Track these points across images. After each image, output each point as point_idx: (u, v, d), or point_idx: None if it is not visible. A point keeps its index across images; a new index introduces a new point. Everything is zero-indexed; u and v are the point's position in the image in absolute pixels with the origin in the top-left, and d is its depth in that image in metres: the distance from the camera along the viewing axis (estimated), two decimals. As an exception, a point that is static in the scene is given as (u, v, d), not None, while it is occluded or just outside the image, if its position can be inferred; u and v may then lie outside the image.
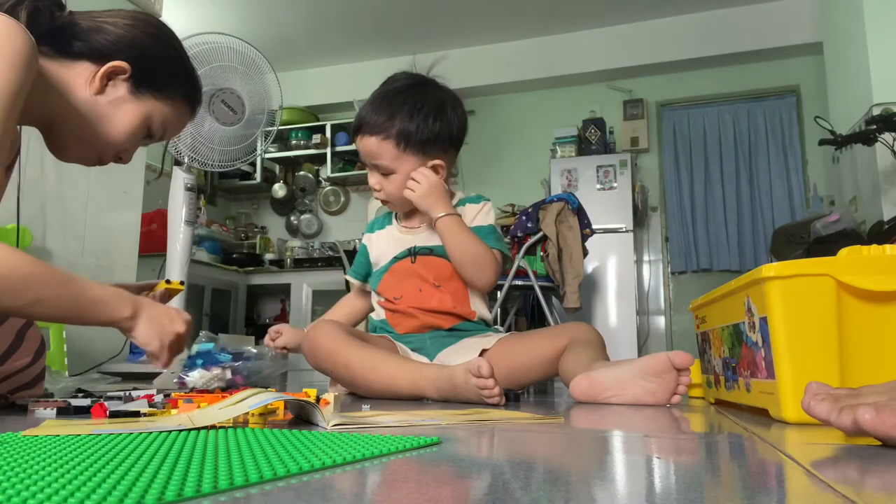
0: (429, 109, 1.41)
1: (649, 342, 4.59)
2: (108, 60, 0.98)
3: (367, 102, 1.45)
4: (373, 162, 1.43)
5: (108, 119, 0.99)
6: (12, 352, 1.00)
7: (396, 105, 1.41)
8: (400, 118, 1.39)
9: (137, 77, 1.01)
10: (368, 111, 1.42)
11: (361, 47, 5.01)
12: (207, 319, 4.33)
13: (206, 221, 4.89)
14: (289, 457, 0.47)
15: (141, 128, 1.03)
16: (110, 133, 1.00)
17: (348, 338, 1.27)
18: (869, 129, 2.61)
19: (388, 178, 1.43)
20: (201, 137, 2.39)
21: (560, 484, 0.42)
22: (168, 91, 1.05)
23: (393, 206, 1.52)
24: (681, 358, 1.08)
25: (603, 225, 4.10)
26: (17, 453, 0.48)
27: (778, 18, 4.43)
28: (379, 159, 1.41)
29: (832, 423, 0.57)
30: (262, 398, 0.73)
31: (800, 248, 2.82)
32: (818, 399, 0.60)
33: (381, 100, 1.43)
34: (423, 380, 1.17)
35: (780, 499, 0.38)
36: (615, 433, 0.74)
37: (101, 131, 1.00)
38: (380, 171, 1.43)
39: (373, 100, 1.44)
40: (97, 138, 1.00)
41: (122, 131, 1.01)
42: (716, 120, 4.70)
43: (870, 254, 0.79)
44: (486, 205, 1.51)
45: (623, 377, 1.11)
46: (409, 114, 1.40)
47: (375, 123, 1.40)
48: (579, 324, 1.42)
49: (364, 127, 1.41)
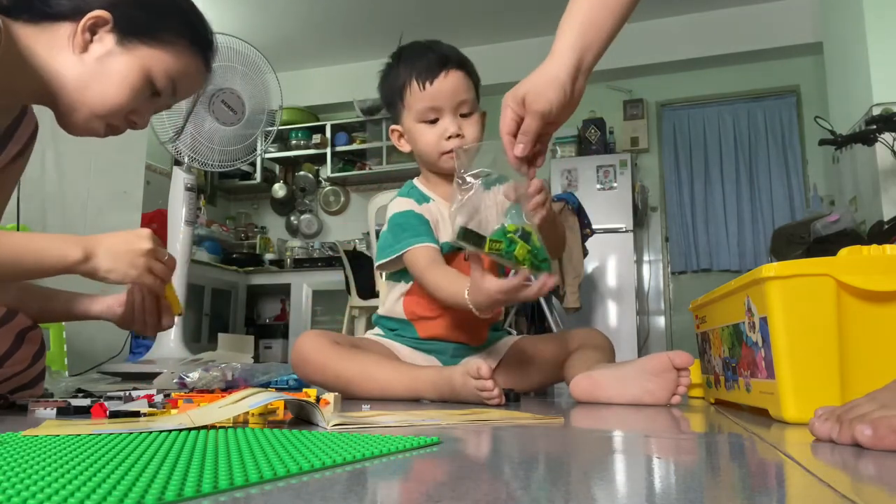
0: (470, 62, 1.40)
1: (649, 342, 4.59)
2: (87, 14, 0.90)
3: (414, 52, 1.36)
4: (460, 99, 1.34)
5: (100, 78, 0.91)
6: (12, 353, 1.00)
7: (453, 49, 1.36)
8: (464, 57, 1.36)
9: (121, 25, 0.92)
10: (437, 51, 1.34)
11: (361, 47, 5.01)
12: (207, 319, 4.33)
13: (206, 221, 4.89)
14: (289, 457, 0.47)
15: (140, 83, 0.93)
16: (107, 94, 0.92)
17: (336, 348, 1.22)
18: (869, 129, 2.61)
19: (469, 118, 1.36)
20: (201, 137, 2.39)
21: (560, 484, 0.42)
22: (162, 36, 0.95)
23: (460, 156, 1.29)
24: (681, 358, 1.08)
25: (603, 225, 4.10)
26: (17, 453, 0.48)
27: (778, 18, 4.43)
28: (468, 94, 1.35)
29: (836, 441, 0.57)
30: (262, 398, 0.73)
31: (800, 248, 2.82)
32: (822, 420, 0.60)
33: (432, 46, 1.36)
34: (421, 383, 1.16)
35: (780, 499, 0.38)
36: (615, 433, 0.74)
37: (96, 93, 0.91)
38: (461, 111, 1.35)
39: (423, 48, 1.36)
40: (95, 102, 0.92)
41: (118, 89, 0.92)
42: (716, 120, 4.70)
43: (870, 254, 0.79)
44: None
45: (623, 377, 1.11)
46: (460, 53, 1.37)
47: (458, 59, 1.34)
48: (590, 330, 1.43)
49: (449, 63, 1.32)
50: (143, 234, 0.95)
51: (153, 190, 3.70)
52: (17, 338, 1.01)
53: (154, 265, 0.95)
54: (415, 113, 1.35)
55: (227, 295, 4.67)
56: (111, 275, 0.91)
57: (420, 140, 1.36)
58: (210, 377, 1.32)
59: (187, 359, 2.18)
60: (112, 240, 0.92)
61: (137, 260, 0.93)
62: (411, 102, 1.35)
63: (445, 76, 1.32)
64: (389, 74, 1.39)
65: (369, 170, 5.29)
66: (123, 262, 0.92)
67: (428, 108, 1.33)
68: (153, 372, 2.04)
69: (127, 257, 0.92)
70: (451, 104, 1.33)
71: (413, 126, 1.36)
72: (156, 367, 2.20)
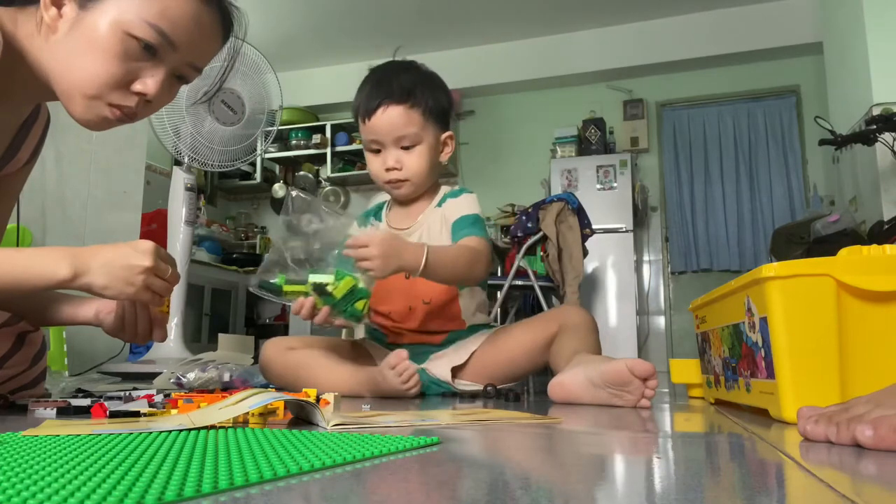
0: (438, 82, 1.43)
1: (649, 342, 4.59)
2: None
3: (371, 83, 1.41)
4: (397, 134, 1.38)
5: (77, 49, 0.80)
6: (12, 354, 1.00)
7: (410, 78, 1.39)
8: (420, 89, 1.39)
9: None
10: (385, 85, 1.38)
11: (361, 47, 5.00)
12: (207, 319, 4.33)
13: (206, 221, 4.89)
14: (289, 457, 0.47)
15: (116, 42, 0.80)
16: (87, 68, 0.80)
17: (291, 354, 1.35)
18: (869, 129, 2.61)
19: (411, 151, 1.40)
20: (201, 137, 2.39)
21: (560, 484, 0.42)
22: None
23: (408, 188, 1.44)
24: (641, 367, 1.02)
25: (603, 225, 4.10)
26: (17, 453, 0.48)
27: (778, 18, 4.43)
28: (406, 129, 1.38)
29: (834, 441, 0.57)
30: (262, 398, 0.73)
31: (800, 248, 2.82)
32: (812, 421, 0.60)
33: (390, 75, 1.40)
34: (357, 384, 1.27)
35: (780, 499, 0.38)
36: (615, 433, 0.74)
37: (78, 71, 0.81)
38: (402, 144, 1.39)
39: (379, 78, 1.41)
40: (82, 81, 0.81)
41: (95, 57, 0.80)
42: (716, 120, 4.70)
43: (870, 254, 0.79)
44: (470, 195, 1.48)
45: (591, 383, 1.08)
46: (427, 85, 1.40)
47: (401, 93, 1.37)
48: (569, 307, 1.42)
49: (389, 98, 1.37)
50: (144, 248, 0.87)
51: (153, 190, 3.70)
52: (17, 339, 1.01)
53: (153, 283, 0.88)
54: (364, 141, 1.45)
55: (227, 295, 4.67)
56: (106, 291, 0.86)
57: (369, 166, 1.47)
58: (207, 377, 1.33)
59: (187, 359, 2.18)
60: (109, 254, 0.85)
61: (135, 278, 0.86)
62: (360, 130, 1.44)
63: (383, 112, 1.38)
64: (356, 96, 1.45)
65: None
66: (120, 279, 0.85)
67: (370, 140, 1.42)
68: (153, 372, 2.04)
69: (123, 273, 0.85)
70: (389, 138, 1.40)
71: (365, 151, 1.47)
72: (156, 367, 2.20)
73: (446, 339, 1.44)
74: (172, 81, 0.89)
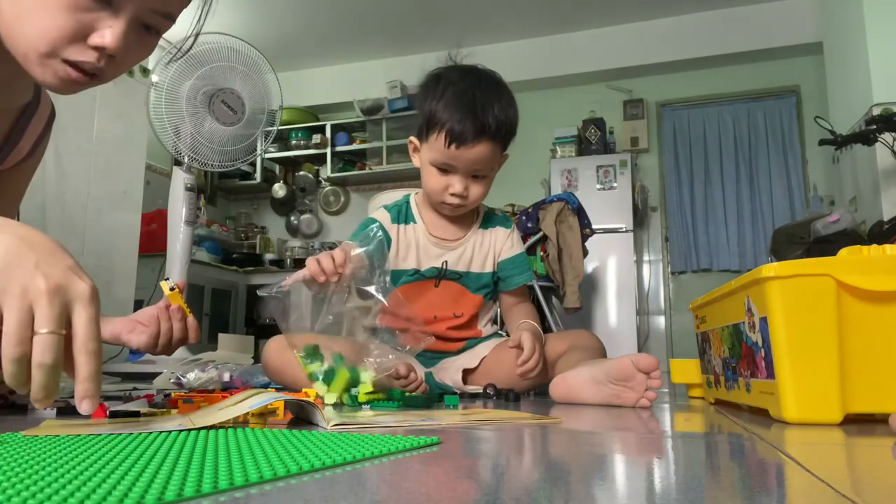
0: (516, 106, 1.37)
1: (649, 342, 4.59)
2: None
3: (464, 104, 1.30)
4: (478, 167, 1.33)
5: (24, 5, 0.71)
6: None
7: (503, 109, 1.32)
8: (510, 124, 1.33)
9: None
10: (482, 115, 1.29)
11: (361, 47, 5.00)
12: (208, 319, 4.33)
13: (206, 221, 4.89)
14: (289, 457, 0.47)
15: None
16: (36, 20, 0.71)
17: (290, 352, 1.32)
18: (869, 129, 2.61)
19: (480, 180, 1.36)
20: (201, 137, 2.39)
21: (560, 484, 0.42)
22: None
23: (463, 210, 1.41)
24: (645, 361, 1.03)
25: (603, 225, 4.10)
26: (17, 453, 0.48)
27: (778, 18, 4.43)
28: (488, 164, 1.33)
29: None
30: (262, 398, 0.73)
31: (800, 248, 2.82)
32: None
33: (486, 102, 1.31)
34: None
35: (780, 499, 0.38)
36: (615, 433, 0.74)
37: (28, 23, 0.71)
38: (474, 174, 1.34)
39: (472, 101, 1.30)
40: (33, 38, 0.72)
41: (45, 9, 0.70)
42: (716, 120, 4.70)
43: (870, 254, 0.79)
44: (516, 232, 1.52)
45: (595, 380, 1.09)
46: (515, 114, 1.34)
47: (497, 127, 1.30)
48: (581, 331, 1.45)
49: (484, 134, 1.29)
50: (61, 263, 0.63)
51: (153, 190, 3.70)
52: None
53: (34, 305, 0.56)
54: (432, 154, 1.34)
55: (227, 295, 4.67)
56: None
57: (427, 179, 1.38)
58: (207, 377, 1.33)
59: (187, 359, 2.18)
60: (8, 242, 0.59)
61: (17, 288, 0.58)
62: (433, 145, 1.33)
63: (474, 146, 1.29)
64: (428, 96, 1.35)
65: (369, 170, 5.29)
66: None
67: (443, 162, 1.33)
68: (153, 372, 2.04)
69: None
70: (466, 168, 1.33)
71: (426, 162, 1.37)
72: (156, 367, 2.20)
73: (463, 347, 1.46)
74: (141, 33, 0.77)
